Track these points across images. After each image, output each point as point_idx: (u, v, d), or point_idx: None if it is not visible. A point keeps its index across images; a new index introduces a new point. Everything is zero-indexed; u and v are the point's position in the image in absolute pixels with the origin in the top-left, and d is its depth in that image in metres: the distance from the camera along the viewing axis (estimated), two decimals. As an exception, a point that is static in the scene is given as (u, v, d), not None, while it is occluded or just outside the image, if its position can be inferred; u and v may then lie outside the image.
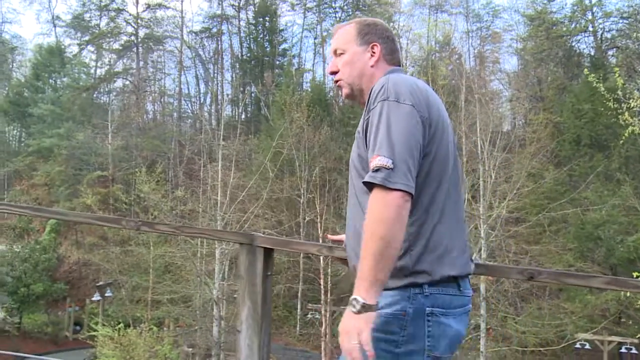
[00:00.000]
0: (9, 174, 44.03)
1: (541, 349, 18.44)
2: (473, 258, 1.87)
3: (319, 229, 24.33)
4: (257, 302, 2.22)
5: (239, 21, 48.06)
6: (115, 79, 48.14)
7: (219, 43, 49.11)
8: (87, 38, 49.24)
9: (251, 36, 47.02)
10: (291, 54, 45.45)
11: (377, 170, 1.55)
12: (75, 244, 34.71)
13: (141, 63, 48.21)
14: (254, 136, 33.43)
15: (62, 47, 48.64)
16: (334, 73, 1.95)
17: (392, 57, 1.93)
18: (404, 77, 1.75)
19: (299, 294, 26.39)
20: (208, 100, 48.72)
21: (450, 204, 1.73)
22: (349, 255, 1.84)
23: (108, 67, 49.21)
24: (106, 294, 26.23)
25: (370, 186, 1.57)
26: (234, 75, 46.50)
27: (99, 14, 48.96)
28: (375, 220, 1.53)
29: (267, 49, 45.46)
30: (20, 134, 49.12)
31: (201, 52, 49.31)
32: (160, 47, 48.43)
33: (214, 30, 48.76)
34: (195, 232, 3.14)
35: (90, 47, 49.92)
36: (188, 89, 49.12)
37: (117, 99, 49.11)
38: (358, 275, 1.54)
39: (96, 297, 26.94)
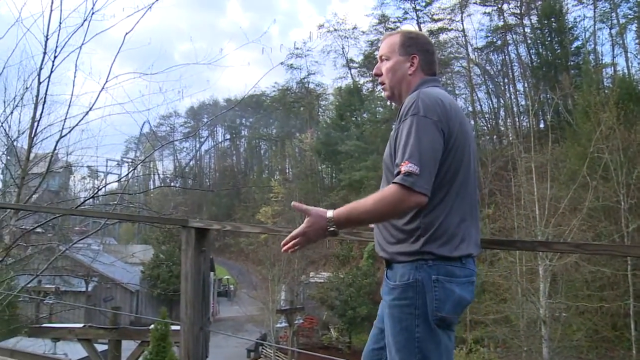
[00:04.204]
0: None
1: None
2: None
3: (654, 237, 21.79)
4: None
5: (524, 28, 46.64)
6: (422, 107, 50.27)
7: (506, 55, 48.15)
8: (378, 73, 52.68)
9: (539, 41, 45.11)
10: (586, 51, 42.09)
11: (408, 174, 1.88)
12: (391, 268, 36.81)
13: (431, 87, 49.63)
14: (558, 144, 31.57)
15: (358, 86, 52.90)
16: (377, 75, 2.34)
17: (429, 67, 2.27)
18: (432, 92, 2.07)
19: (631, 312, 23.64)
20: (502, 114, 47.95)
21: (459, 202, 2.05)
22: (376, 244, 2.21)
23: (401, 97, 51.63)
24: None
25: (396, 184, 1.92)
26: (526, 85, 44.97)
27: (385, 49, 52.03)
28: (389, 203, 1.90)
29: (558, 51, 42.91)
30: (332, 170, 54.47)
31: (488, 67, 48.90)
32: (448, 70, 49.26)
33: (499, 42, 48.07)
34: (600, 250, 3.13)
35: (383, 81, 53.25)
36: (480, 106, 48.89)
37: (415, 126, 51.15)
38: (349, 209, 1.98)
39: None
